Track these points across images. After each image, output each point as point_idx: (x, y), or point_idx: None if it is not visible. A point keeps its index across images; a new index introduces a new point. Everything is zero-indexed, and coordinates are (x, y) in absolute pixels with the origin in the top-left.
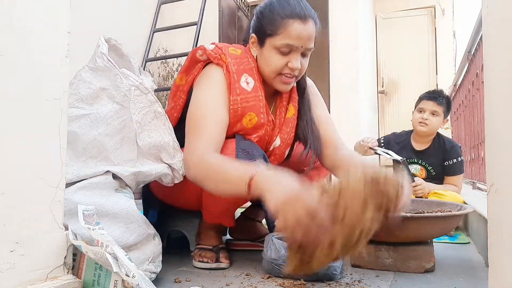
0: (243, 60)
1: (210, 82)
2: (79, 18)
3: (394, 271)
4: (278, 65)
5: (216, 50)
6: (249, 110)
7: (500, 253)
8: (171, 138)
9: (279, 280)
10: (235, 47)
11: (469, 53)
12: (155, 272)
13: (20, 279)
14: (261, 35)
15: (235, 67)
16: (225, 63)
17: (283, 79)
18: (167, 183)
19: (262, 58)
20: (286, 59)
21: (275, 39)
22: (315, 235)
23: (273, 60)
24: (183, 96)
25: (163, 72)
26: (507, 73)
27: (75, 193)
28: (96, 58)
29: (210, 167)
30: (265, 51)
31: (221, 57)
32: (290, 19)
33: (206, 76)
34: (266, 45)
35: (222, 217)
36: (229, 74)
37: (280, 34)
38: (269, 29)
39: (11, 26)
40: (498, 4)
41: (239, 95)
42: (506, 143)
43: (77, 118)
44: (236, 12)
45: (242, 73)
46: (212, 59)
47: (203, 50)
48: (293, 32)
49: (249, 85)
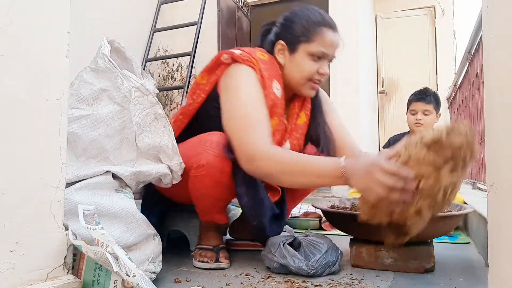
0: (272, 66)
1: (247, 82)
2: (79, 18)
3: (394, 271)
4: (311, 70)
5: (245, 55)
6: (275, 115)
7: (500, 253)
8: (170, 140)
9: (279, 280)
10: (261, 52)
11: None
12: (155, 272)
13: (20, 279)
14: (292, 41)
15: (266, 73)
16: (258, 67)
17: (312, 85)
18: (166, 184)
19: (293, 64)
20: (318, 65)
21: (310, 45)
22: (401, 203)
23: (306, 66)
24: (203, 95)
25: (163, 72)
26: (507, 73)
27: (75, 193)
28: (97, 59)
29: (284, 160)
30: (297, 57)
31: (252, 61)
32: (324, 27)
33: (240, 75)
34: (299, 52)
35: (212, 214)
36: (263, 79)
37: (315, 41)
38: (303, 35)
39: (11, 26)
40: (498, 4)
41: (272, 100)
42: (506, 143)
43: (77, 118)
44: (236, 12)
45: (272, 79)
46: (242, 61)
47: (230, 54)
48: (327, 40)
49: (278, 92)
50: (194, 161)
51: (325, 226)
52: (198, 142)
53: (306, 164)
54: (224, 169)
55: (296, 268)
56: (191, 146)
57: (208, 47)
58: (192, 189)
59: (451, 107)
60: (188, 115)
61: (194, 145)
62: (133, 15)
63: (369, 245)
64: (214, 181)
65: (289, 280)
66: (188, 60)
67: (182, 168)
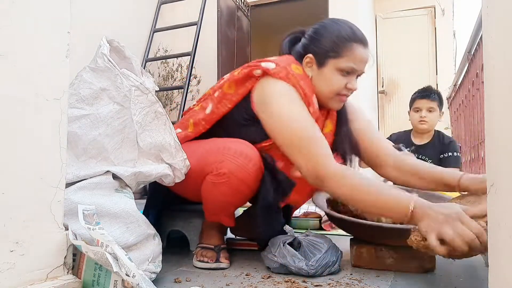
0: (308, 81)
1: (291, 98)
2: (79, 18)
3: (394, 271)
4: (340, 86)
5: (280, 70)
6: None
7: (500, 253)
8: (172, 138)
9: (279, 280)
10: (295, 64)
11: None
12: (155, 272)
13: (20, 279)
14: (321, 56)
15: (307, 89)
16: (298, 85)
17: (340, 99)
18: (168, 183)
19: (322, 78)
20: (346, 80)
21: (339, 61)
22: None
23: (335, 81)
24: (229, 105)
25: (163, 72)
26: (507, 73)
27: (75, 193)
28: (97, 59)
29: (356, 187)
30: (326, 71)
31: (290, 77)
32: (354, 42)
33: (280, 91)
34: (328, 66)
35: (220, 216)
36: (306, 96)
37: (345, 56)
38: (332, 50)
39: (11, 26)
40: (498, 4)
41: (317, 117)
42: (506, 143)
43: (77, 118)
44: (236, 12)
45: (312, 94)
46: (279, 78)
47: (263, 70)
48: (358, 55)
49: (316, 106)
50: (214, 167)
51: (325, 226)
52: (222, 148)
53: (378, 197)
54: (245, 179)
55: (296, 268)
56: (212, 150)
57: (208, 47)
58: (206, 193)
59: (451, 107)
60: (211, 122)
61: (215, 150)
62: (133, 15)
63: (369, 245)
64: (232, 190)
65: (289, 280)
66: (188, 60)
67: (187, 165)
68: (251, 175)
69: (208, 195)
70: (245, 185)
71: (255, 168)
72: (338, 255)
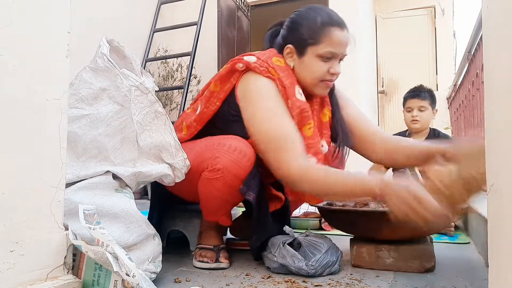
0: (289, 72)
1: (268, 95)
2: (79, 18)
3: (394, 271)
4: (322, 72)
5: (261, 63)
6: (308, 119)
7: (500, 253)
8: (172, 137)
9: (279, 280)
10: (277, 57)
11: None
12: (155, 272)
13: (20, 279)
14: (300, 45)
15: (287, 80)
16: (277, 77)
17: (326, 84)
18: (168, 183)
19: (304, 67)
20: (328, 65)
21: (317, 47)
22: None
23: (317, 67)
24: (218, 103)
25: (163, 72)
26: (507, 73)
27: (75, 193)
28: (96, 59)
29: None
30: (306, 59)
31: (270, 71)
32: (331, 26)
33: (259, 88)
34: (308, 54)
35: (218, 215)
36: (285, 89)
37: (323, 42)
38: (310, 38)
39: (11, 26)
40: (498, 4)
41: (299, 107)
42: (506, 143)
43: (77, 118)
44: (236, 12)
45: (294, 85)
46: (260, 72)
47: (245, 64)
48: (335, 39)
49: (302, 96)
50: (209, 163)
51: (325, 226)
52: (216, 144)
53: (344, 185)
54: (239, 174)
55: (296, 268)
56: (207, 147)
57: (208, 47)
58: (202, 190)
59: (451, 107)
60: (202, 122)
61: (210, 146)
62: (133, 15)
63: (369, 245)
64: (227, 185)
65: (289, 280)
66: (188, 60)
67: (187, 165)
68: (245, 170)
69: (204, 191)
70: (239, 180)
71: (250, 163)
72: (338, 255)
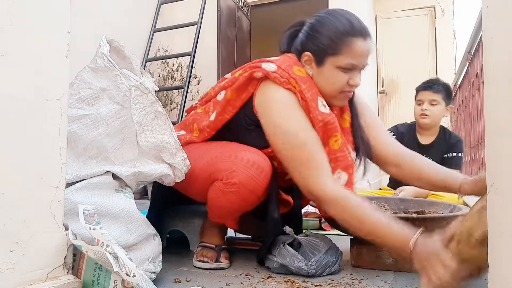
0: (311, 82)
1: (290, 110)
2: (79, 18)
3: (394, 271)
4: (342, 83)
5: (281, 73)
6: (334, 132)
7: (500, 253)
8: (172, 137)
9: (279, 280)
10: (298, 66)
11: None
12: (155, 272)
13: (20, 279)
14: (319, 54)
15: (309, 92)
16: (298, 89)
17: (345, 95)
18: (168, 183)
19: (322, 77)
20: (348, 77)
21: (337, 58)
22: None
23: (336, 79)
24: (233, 110)
25: (163, 72)
26: (507, 73)
27: (75, 193)
28: (96, 59)
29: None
30: (325, 70)
31: (291, 82)
32: (353, 37)
33: (279, 101)
34: (327, 65)
35: (225, 220)
36: (306, 102)
37: (344, 54)
38: (330, 48)
39: (11, 26)
40: (498, 4)
41: (322, 120)
42: (506, 143)
43: (77, 118)
44: (236, 12)
45: (317, 96)
46: (280, 83)
47: (264, 73)
48: (357, 51)
49: (326, 108)
50: (224, 176)
51: (325, 226)
52: (233, 157)
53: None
54: (255, 190)
55: (296, 268)
56: (223, 156)
57: (208, 47)
58: (213, 198)
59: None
60: (215, 129)
61: (227, 157)
62: (133, 15)
63: (369, 245)
64: (241, 199)
65: (289, 280)
66: (188, 60)
67: (187, 165)
68: (262, 186)
69: (215, 200)
70: (255, 196)
71: (266, 179)
72: (338, 255)
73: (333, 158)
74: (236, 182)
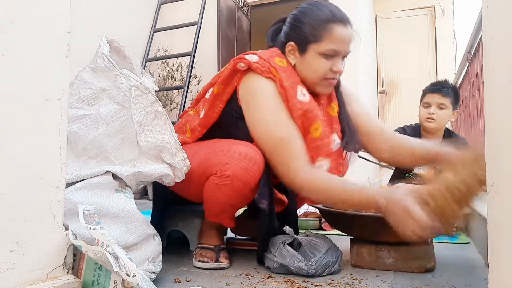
0: (292, 72)
1: (268, 98)
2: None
3: (394, 271)
4: (324, 70)
5: (263, 63)
6: (313, 120)
7: (500, 253)
8: (172, 137)
9: (279, 280)
10: (279, 57)
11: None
12: (155, 272)
13: (20, 279)
14: (302, 42)
15: (289, 81)
16: (278, 78)
17: (329, 82)
18: (168, 183)
19: (305, 65)
20: (330, 63)
21: (319, 45)
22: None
23: (319, 65)
24: (221, 105)
25: (163, 72)
26: (507, 73)
27: (75, 193)
28: (96, 59)
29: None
30: (308, 57)
31: (271, 71)
32: (333, 23)
33: (260, 91)
34: (309, 52)
35: (221, 217)
36: (284, 90)
37: (325, 40)
38: (311, 35)
39: (11, 26)
40: (498, 4)
41: (301, 108)
42: (506, 143)
43: (77, 118)
44: (236, 12)
45: (296, 85)
46: (261, 73)
47: (247, 63)
48: (338, 36)
49: (306, 96)
50: (218, 169)
51: (325, 226)
52: (226, 150)
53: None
54: (248, 182)
55: (296, 268)
56: (216, 151)
57: (208, 47)
58: (208, 193)
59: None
60: (206, 126)
61: (220, 152)
62: (133, 15)
63: (370, 245)
64: (235, 192)
65: (289, 280)
66: (188, 60)
67: (187, 165)
68: (255, 178)
69: (210, 196)
70: (248, 188)
71: (259, 171)
72: (338, 255)
73: (314, 146)
74: (230, 175)
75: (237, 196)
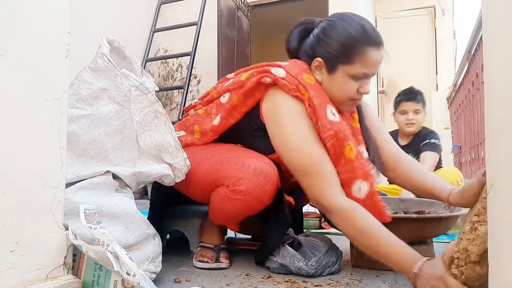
0: (321, 90)
1: (297, 120)
2: (79, 18)
3: (394, 271)
4: (352, 91)
5: (291, 80)
6: (345, 141)
7: (500, 253)
8: (172, 137)
9: (279, 280)
10: (307, 73)
11: (469, 53)
12: (155, 272)
13: (20, 279)
14: (331, 61)
15: (317, 100)
16: (307, 97)
17: (354, 102)
18: (168, 183)
19: (333, 84)
20: (358, 84)
21: (351, 67)
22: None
23: (347, 86)
24: (239, 116)
25: (163, 72)
26: (507, 73)
27: (75, 193)
28: (97, 59)
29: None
30: (337, 77)
31: (299, 89)
32: (368, 47)
33: (286, 111)
34: (339, 72)
35: (227, 223)
36: (314, 109)
37: (357, 63)
38: (343, 56)
39: (11, 26)
40: (498, 4)
41: (331, 129)
42: (506, 143)
43: (77, 118)
44: (236, 12)
45: (325, 105)
46: (288, 91)
47: (274, 79)
48: (371, 61)
49: (336, 116)
50: (231, 182)
51: (325, 225)
52: (240, 164)
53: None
54: (262, 199)
55: (296, 268)
56: (229, 162)
57: (208, 47)
58: (218, 203)
59: (451, 107)
60: (218, 133)
61: (233, 164)
62: (133, 15)
63: None
64: (247, 207)
65: (289, 280)
66: (188, 60)
67: (187, 165)
68: (268, 194)
69: (218, 205)
70: (260, 203)
71: (273, 187)
72: (338, 255)
73: (350, 168)
74: (243, 190)
75: (247, 209)
